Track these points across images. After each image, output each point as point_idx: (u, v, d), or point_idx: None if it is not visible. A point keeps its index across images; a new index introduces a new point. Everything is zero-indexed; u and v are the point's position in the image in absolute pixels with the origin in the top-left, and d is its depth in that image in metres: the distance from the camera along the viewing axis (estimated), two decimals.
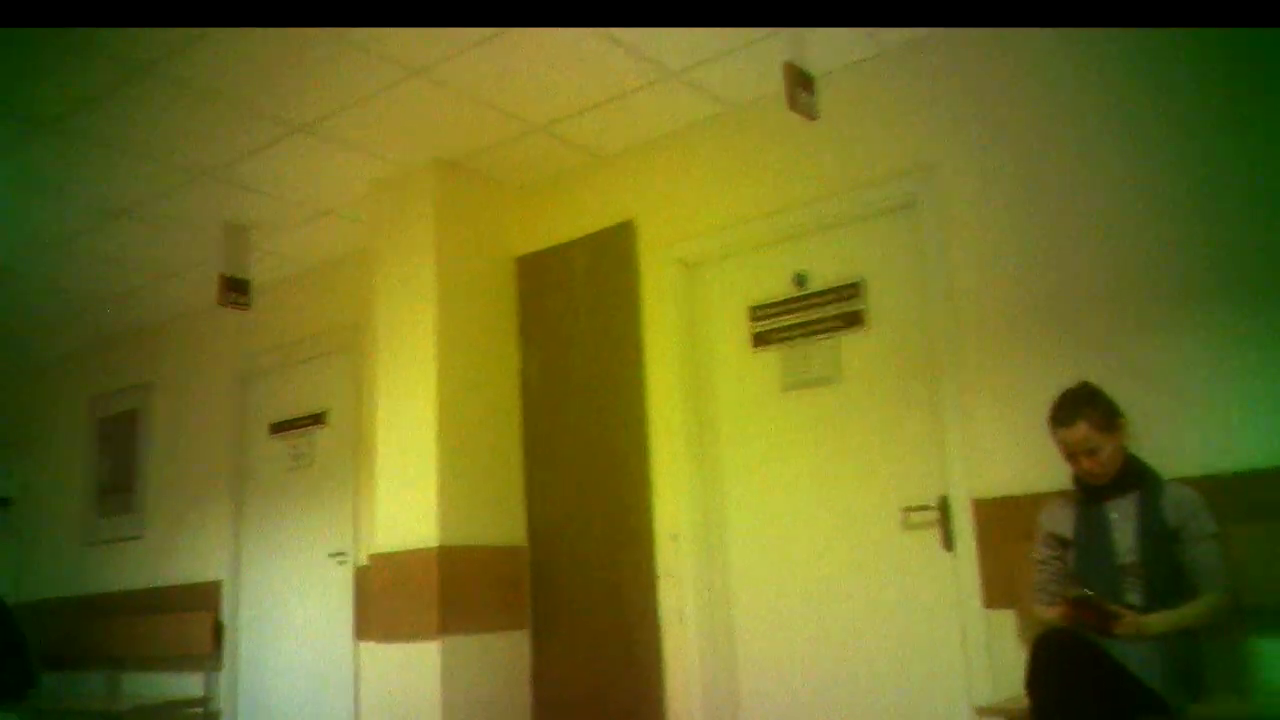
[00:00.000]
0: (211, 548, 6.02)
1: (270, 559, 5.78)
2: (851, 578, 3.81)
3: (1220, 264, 3.15)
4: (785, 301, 4.10)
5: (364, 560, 5.02)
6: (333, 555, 5.41)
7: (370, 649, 4.71)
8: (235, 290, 5.11)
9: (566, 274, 4.69)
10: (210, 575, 5.99)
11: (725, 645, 4.08)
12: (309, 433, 5.69)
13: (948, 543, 3.58)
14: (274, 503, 5.81)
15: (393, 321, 4.63)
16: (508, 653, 4.43)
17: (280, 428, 5.85)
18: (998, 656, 3.38)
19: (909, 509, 3.69)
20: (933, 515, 3.63)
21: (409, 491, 4.40)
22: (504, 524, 4.56)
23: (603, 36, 3.67)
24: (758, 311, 4.17)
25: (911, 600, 3.67)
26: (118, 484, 6.76)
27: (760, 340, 4.15)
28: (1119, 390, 3.02)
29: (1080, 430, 2.90)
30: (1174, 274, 3.22)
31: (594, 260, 4.61)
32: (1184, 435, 3.12)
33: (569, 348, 4.63)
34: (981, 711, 3.07)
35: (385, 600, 4.41)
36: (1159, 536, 2.84)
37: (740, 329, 4.22)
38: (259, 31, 3.52)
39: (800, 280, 4.08)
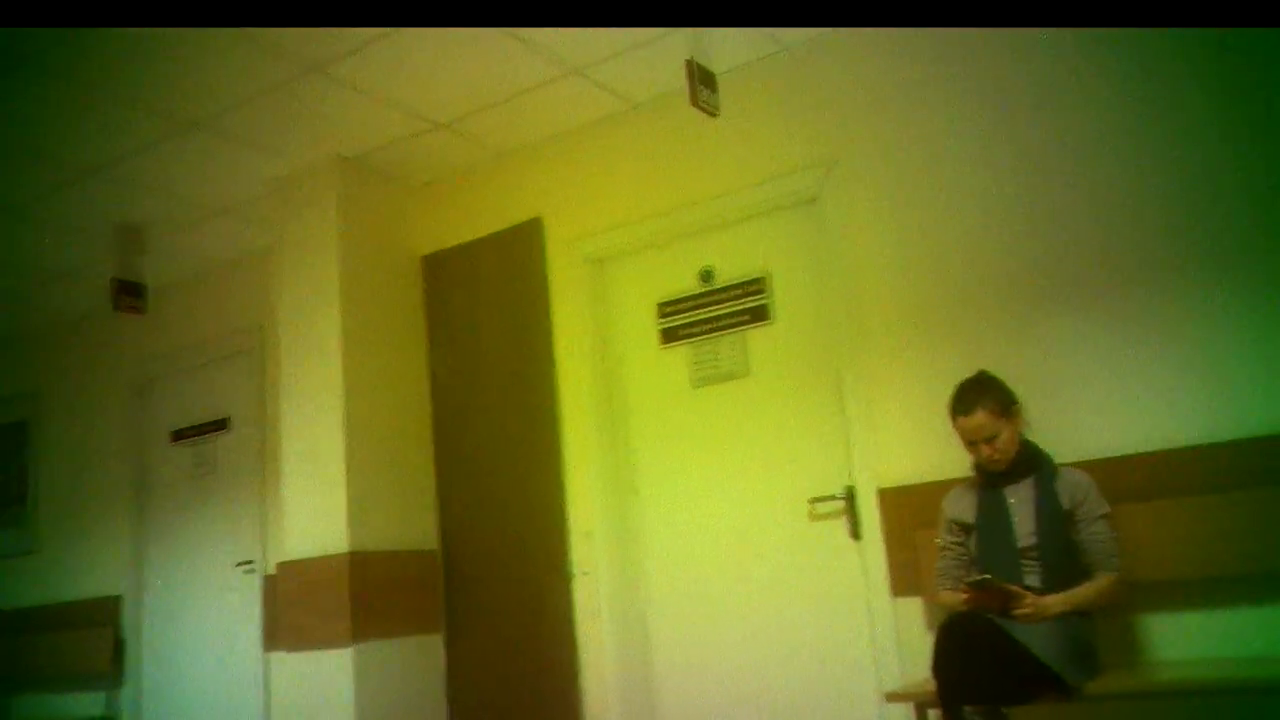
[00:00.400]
0: (111, 561, 5.81)
1: (174, 570, 5.61)
2: (762, 569, 3.86)
3: (1107, 253, 3.26)
4: (693, 297, 4.12)
5: (272, 569, 4.91)
6: (240, 564, 5.28)
7: (280, 659, 4.60)
8: (130, 294, 4.95)
9: (474, 272, 4.64)
10: (110, 589, 5.78)
11: (640, 640, 4.10)
12: (212, 439, 5.54)
13: (855, 532, 3.64)
14: (177, 512, 5.64)
15: (296, 323, 4.53)
16: (422, 657, 4.38)
17: (182, 435, 5.68)
18: (905, 642, 3.45)
19: (816, 499, 3.75)
20: (839, 505, 3.70)
21: (317, 497, 4.31)
22: (416, 526, 4.51)
23: (504, 33, 3.64)
24: (666, 307, 4.19)
25: (821, 589, 3.73)
26: (7, 497, 6.48)
27: (669, 336, 4.17)
28: (1015, 378, 3.12)
29: (978, 418, 2.98)
30: (1065, 264, 3.33)
31: (502, 258, 4.57)
32: (1077, 420, 3.23)
33: (478, 346, 4.59)
34: (890, 696, 3.13)
35: (295, 608, 4.32)
36: (1054, 519, 2.93)
37: (649, 325, 4.23)
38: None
39: (707, 276, 4.11)
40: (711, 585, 3.97)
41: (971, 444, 3.03)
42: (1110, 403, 3.20)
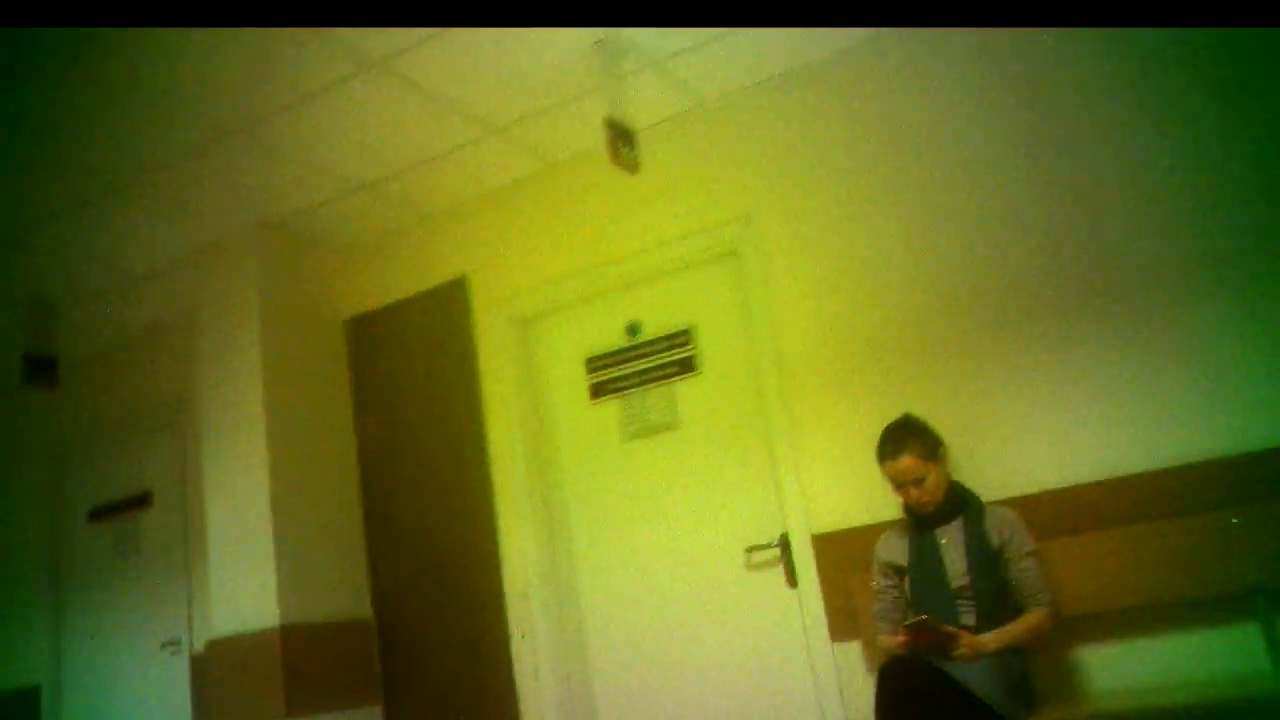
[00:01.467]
0: (27, 650, 5.56)
1: (96, 656, 5.40)
2: (701, 620, 3.85)
3: (1023, 296, 3.36)
4: (620, 351, 4.14)
5: (200, 648, 4.75)
6: (166, 645, 5.10)
7: None
8: (40, 368, 4.79)
9: (400, 334, 4.61)
10: (27, 680, 5.53)
11: (583, 698, 4.04)
12: (133, 516, 5.37)
13: (791, 579, 3.66)
14: (97, 594, 5.43)
15: (218, 392, 4.44)
16: None
17: (101, 513, 5.50)
18: (847, 686, 3.46)
19: (752, 548, 3.76)
20: (775, 553, 3.71)
21: (245, 570, 4.20)
22: (349, 596, 4.41)
23: (423, 93, 3.66)
24: (594, 363, 4.19)
25: (761, 638, 3.72)
26: None
27: (598, 391, 4.17)
28: (939, 420, 3.18)
29: (905, 461, 3.03)
30: (982, 307, 3.42)
31: (427, 319, 4.55)
32: (1002, 458, 3.29)
33: (407, 409, 4.54)
34: None
35: (226, 688, 4.18)
36: (985, 558, 2.97)
37: (578, 381, 4.23)
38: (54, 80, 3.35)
39: (633, 330, 4.13)
40: (652, 639, 3.95)
41: (900, 487, 3.07)
42: (1033, 439, 3.28)
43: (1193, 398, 3.09)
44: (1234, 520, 2.90)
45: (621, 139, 3.46)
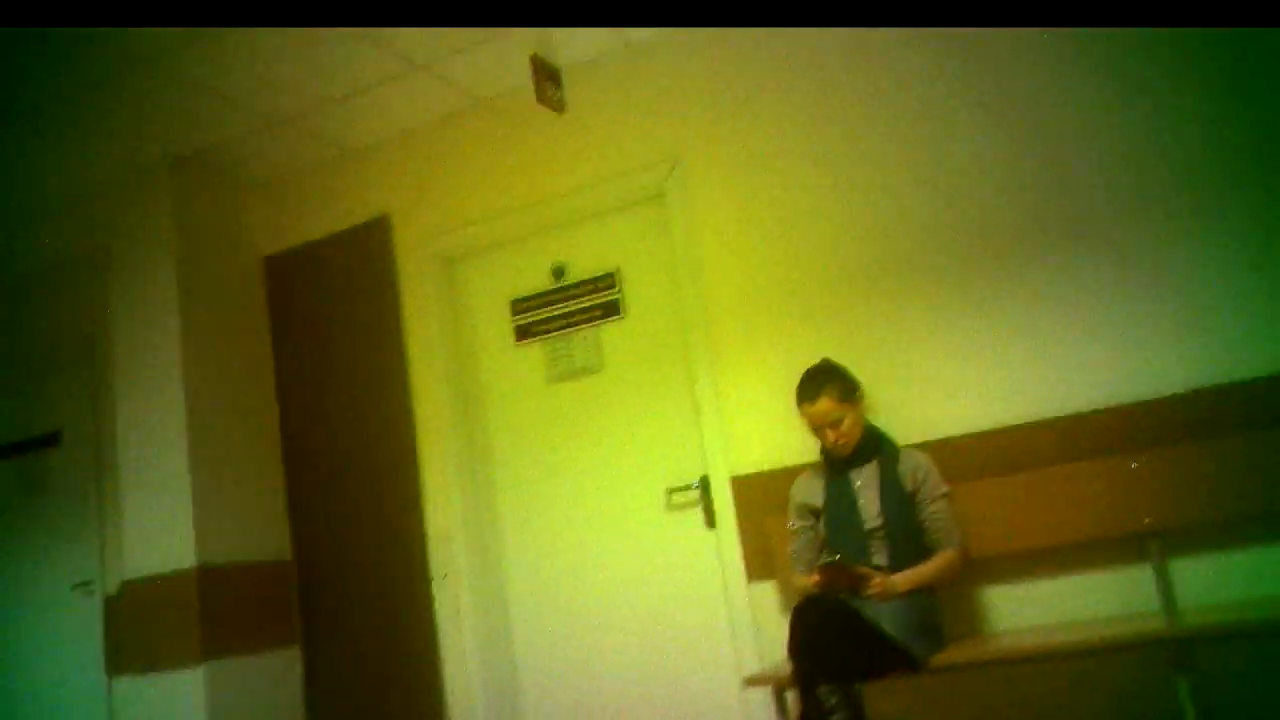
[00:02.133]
0: None
1: (2, 597, 5.27)
2: (622, 562, 3.89)
3: (944, 243, 3.41)
4: (546, 294, 4.12)
5: (114, 589, 4.67)
6: (77, 586, 4.99)
7: (126, 683, 4.39)
8: None
9: (320, 272, 4.52)
10: None
11: (503, 641, 4.07)
12: (40, 456, 5.22)
13: (710, 520, 3.71)
14: (2, 535, 5.29)
15: (132, 329, 4.33)
16: (278, 671, 4.25)
17: (4, 453, 5.33)
18: (762, 626, 3.53)
19: (673, 490, 3.80)
20: (694, 495, 3.76)
21: (161, 511, 4.13)
22: (267, 537, 4.36)
23: (344, 30, 3.55)
24: (519, 304, 4.17)
25: (680, 579, 3.78)
26: None
27: (523, 333, 4.15)
28: (858, 365, 3.24)
29: (823, 404, 3.08)
30: (902, 254, 3.46)
31: (349, 257, 4.47)
32: (918, 402, 3.36)
33: (328, 349, 4.47)
34: (749, 681, 3.20)
35: (141, 629, 4.13)
36: (898, 500, 3.05)
37: (503, 323, 4.21)
38: None
39: (559, 272, 4.11)
40: (572, 580, 3.98)
41: (818, 429, 3.13)
42: (948, 386, 3.34)
43: (1096, 349, 3.17)
44: (1132, 464, 3.00)
45: (548, 77, 3.42)
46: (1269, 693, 2.73)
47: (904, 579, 2.93)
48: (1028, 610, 3.17)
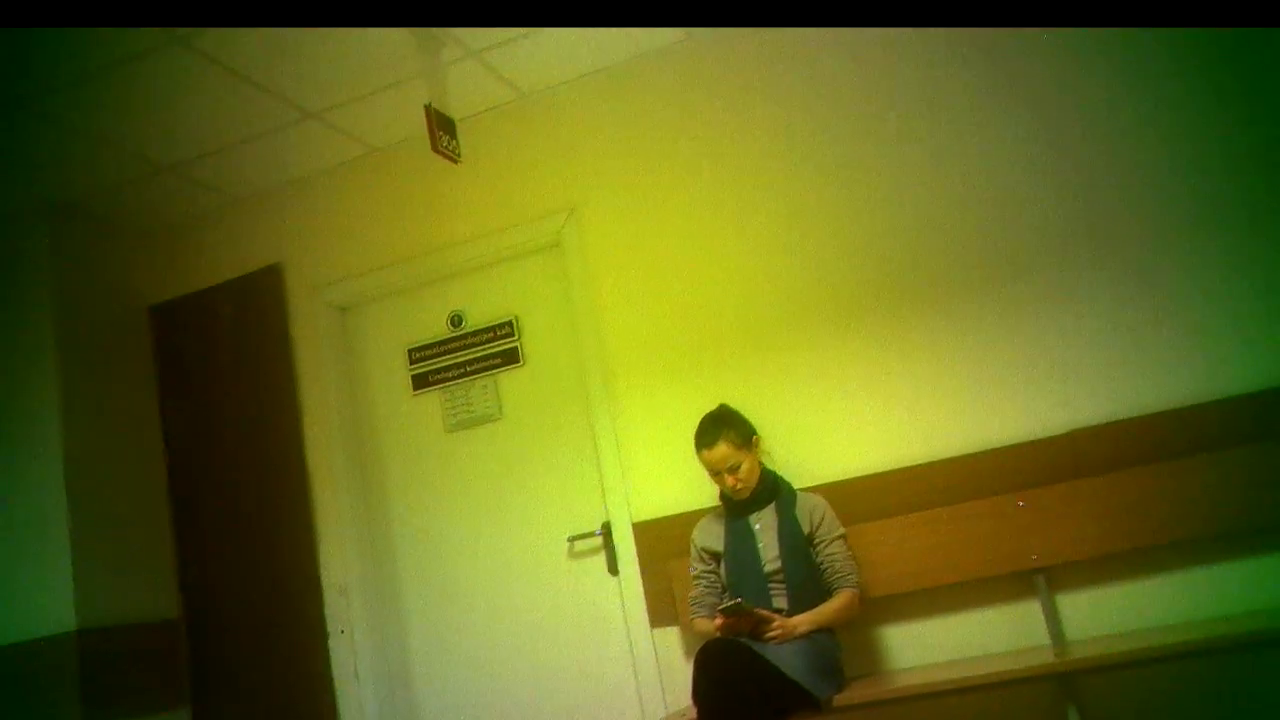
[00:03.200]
0: None
1: None
2: (525, 612, 3.85)
3: (835, 294, 3.50)
4: (443, 342, 4.09)
5: None
6: None
7: None
8: None
9: (210, 322, 4.40)
10: None
11: (403, 696, 3.99)
12: None
13: (612, 567, 3.71)
14: None
15: (6, 382, 4.14)
16: None
17: None
18: (666, 672, 3.54)
19: (575, 537, 3.79)
20: (597, 542, 3.76)
21: (38, 571, 3.93)
22: (154, 595, 4.19)
23: (232, 74, 3.49)
24: (416, 353, 4.13)
25: (584, 627, 3.76)
26: None
27: (421, 382, 4.11)
28: (755, 410, 3.28)
29: (721, 450, 3.11)
30: (798, 303, 3.54)
31: (239, 306, 4.36)
32: (812, 446, 3.43)
33: (218, 399, 4.35)
34: None
35: (14, 699, 3.90)
36: (796, 543, 3.09)
37: (400, 371, 4.16)
38: None
39: (457, 320, 4.09)
40: (475, 632, 3.92)
41: (716, 474, 3.16)
42: (842, 430, 3.43)
43: (980, 394, 3.29)
44: (1019, 503, 3.11)
45: (442, 127, 3.41)
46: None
47: (804, 621, 2.97)
48: (925, 648, 3.24)
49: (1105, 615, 3.08)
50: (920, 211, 3.44)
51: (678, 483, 3.54)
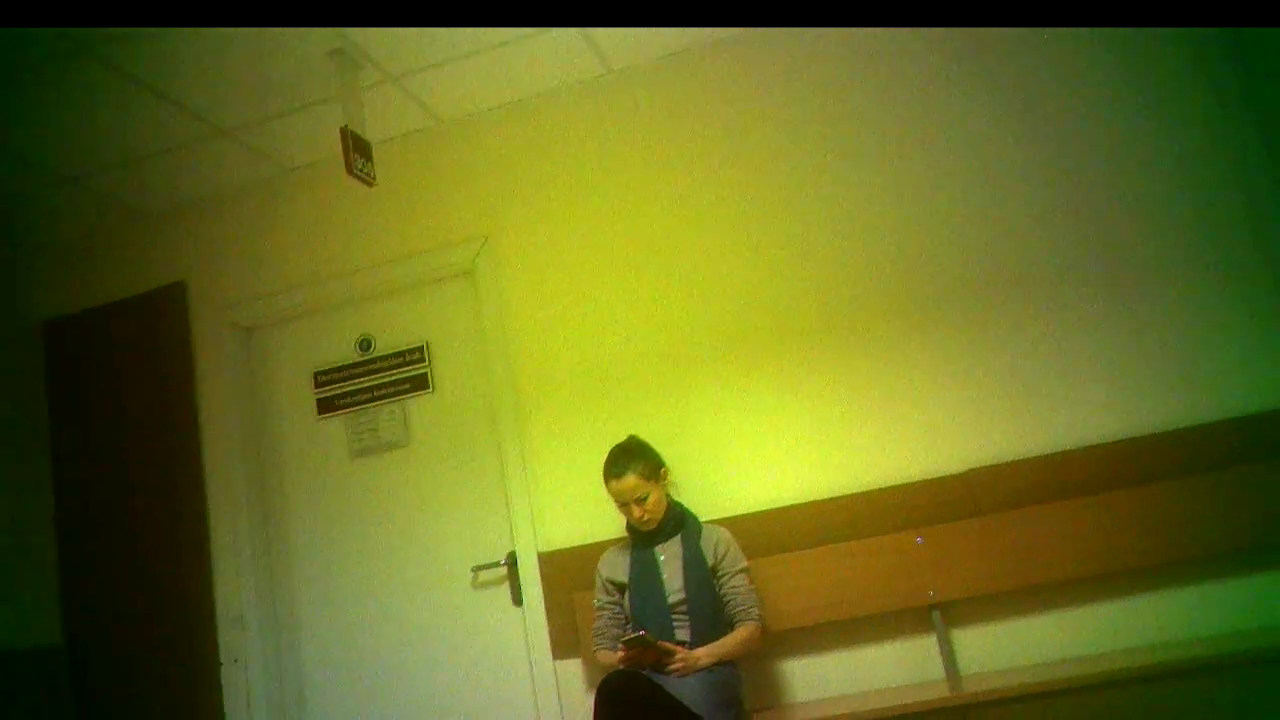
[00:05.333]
0: None
1: None
2: (427, 642, 3.80)
3: (747, 331, 3.56)
4: (351, 366, 4.03)
5: None
6: None
7: None
8: None
9: (107, 340, 4.26)
10: None
11: None
12: None
13: (517, 597, 3.68)
14: None
15: None
16: None
17: None
18: (568, 704, 3.52)
19: (479, 567, 3.76)
20: (501, 572, 3.73)
21: None
22: (34, 624, 4.02)
23: (139, 86, 3.41)
24: (323, 377, 4.06)
25: (485, 657, 3.72)
26: None
27: (326, 406, 4.04)
28: (663, 443, 3.30)
29: (629, 481, 3.12)
30: (703, 335, 3.60)
31: (139, 324, 4.24)
32: (719, 479, 3.47)
33: (113, 418, 4.20)
34: None
35: None
36: (700, 574, 3.11)
37: (305, 395, 4.09)
38: None
39: (366, 344, 4.03)
40: (374, 663, 3.85)
41: (623, 505, 3.17)
42: (749, 464, 3.48)
43: (889, 432, 3.38)
44: (917, 540, 3.19)
45: (358, 150, 3.38)
46: None
47: (706, 653, 2.98)
48: (825, 681, 3.29)
49: (999, 650, 3.17)
50: (820, 254, 3.53)
51: (585, 513, 3.54)
